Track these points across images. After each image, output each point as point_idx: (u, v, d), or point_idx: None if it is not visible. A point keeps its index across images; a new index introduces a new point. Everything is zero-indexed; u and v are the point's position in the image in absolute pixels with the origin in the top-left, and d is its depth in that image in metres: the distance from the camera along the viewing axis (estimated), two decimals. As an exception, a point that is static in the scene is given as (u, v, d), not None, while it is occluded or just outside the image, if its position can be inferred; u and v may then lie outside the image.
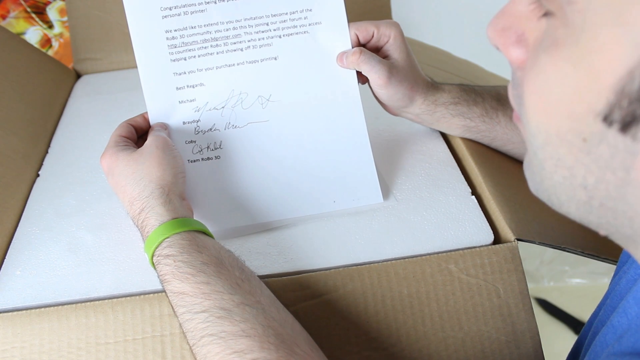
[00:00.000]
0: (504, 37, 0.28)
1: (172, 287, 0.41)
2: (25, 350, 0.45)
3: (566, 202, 0.27)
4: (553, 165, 0.26)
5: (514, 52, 0.28)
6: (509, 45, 0.28)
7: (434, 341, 0.47)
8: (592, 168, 0.24)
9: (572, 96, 0.24)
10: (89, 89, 0.78)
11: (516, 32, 0.28)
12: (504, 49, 0.28)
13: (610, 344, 0.35)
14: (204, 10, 0.53)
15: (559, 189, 0.27)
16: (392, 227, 0.52)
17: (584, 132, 0.24)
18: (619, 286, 0.38)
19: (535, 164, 0.28)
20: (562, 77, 0.24)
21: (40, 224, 0.55)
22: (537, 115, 0.26)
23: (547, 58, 0.25)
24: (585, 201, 0.26)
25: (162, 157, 0.48)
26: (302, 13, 0.54)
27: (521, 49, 0.27)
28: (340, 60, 0.54)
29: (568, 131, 0.24)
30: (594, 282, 1.18)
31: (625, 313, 0.35)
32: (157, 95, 0.53)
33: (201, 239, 0.44)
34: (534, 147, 0.27)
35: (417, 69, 0.55)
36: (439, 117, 0.57)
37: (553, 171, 0.26)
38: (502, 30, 0.28)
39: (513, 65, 0.29)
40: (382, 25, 0.53)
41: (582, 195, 0.26)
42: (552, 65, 0.24)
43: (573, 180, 0.25)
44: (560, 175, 0.26)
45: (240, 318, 0.38)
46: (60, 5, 0.97)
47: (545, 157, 0.27)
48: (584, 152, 0.24)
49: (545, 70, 0.25)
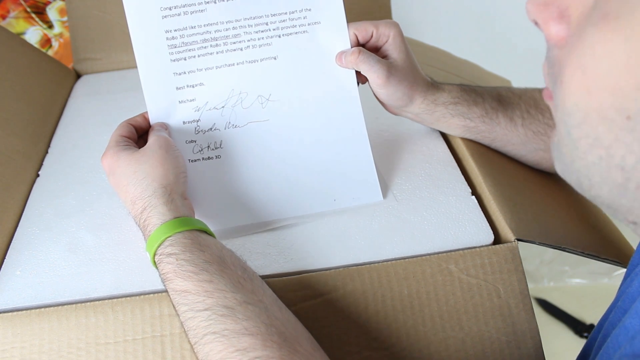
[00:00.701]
0: (546, 12, 0.27)
1: (174, 285, 0.41)
2: (25, 350, 0.45)
3: (597, 184, 0.26)
4: (588, 144, 0.25)
5: (555, 27, 0.27)
6: (550, 20, 0.27)
7: (434, 341, 0.47)
8: (633, 147, 0.23)
9: (621, 70, 0.23)
10: (89, 89, 0.78)
11: (559, 7, 0.27)
12: (544, 24, 0.27)
13: (623, 345, 0.34)
14: (204, 10, 0.53)
15: (593, 170, 0.26)
16: (392, 227, 0.52)
17: (630, 108, 0.23)
18: (631, 289, 0.37)
19: (566, 143, 0.27)
20: (611, 50, 0.23)
21: (40, 224, 0.55)
22: (577, 91, 0.25)
23: (595, 31, 0.24)
24: (621, 183, 0.25)
25: (165, 156, 0.48)
26: (301, 13, 0.54)
27: (562, 25, 0.27)
28: (339, 59, 0.54)
29: (610, 108, 0.24)
30: (594, 282, 1.18)
31: (637, 315, 0.34)
32: (157, 95, 0.53)
33: (203, 238, 0.44)
34: (568, 126, 0.26)
35: (417, 69, 0.55)
36: (438, 117, 0.57)
37: (587, 151, 0.26)
38: (545, 4, 0.27)
39: (551, 42, 0.28)
40: (381, 25, 0.53)
41: (618, 177, 0.25)
42: (601, 38, 0.24)
43: (610, 160, 0.25)
44: (596, 155, 0.25)
45: (243, 316, 0.38)
46: (60, 5, 0.96)
47: (580, 135, 0.26)
48: (627, 130, 0.23)
49: (593, 44, 0.24)
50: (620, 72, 0.23)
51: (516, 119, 0.57)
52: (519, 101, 0.57)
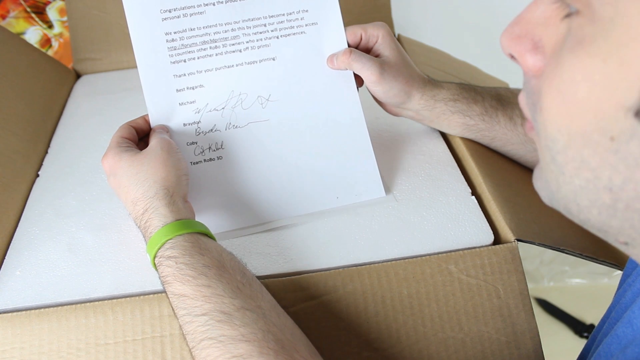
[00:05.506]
0: (520, 45, 0.27)
1: (173, 289, 0.41)
2: (25, 351, 0.45)
3: (586, 208, 0.26)
4: (574, 168, 0.26)
5: (531, 59, 0.27)
6: (525, 53, 0.27)
7: (434, 342, 0.47)
8: (619, 168, 0.24)
9: (601, 92, 0.23)
10: (89, 89, 0.78)
11: (532, 39, 0.27)
12: (520, 56, 0.28)
13: (615, 354, 0.34)
14: (203, 12, 0.53)
15: (580, 194, 0.26)
16: (392, 228, 0.53)
17: (612, 129, 0.23)
18: (625, 298, 0.37)
19: (552, 169, 0.27)
20: (590, 73, 0.23)
21: (40, 224, 0.55)
22: (559, 117, 0.25)
23: (572, 57, 0.24)
24: (610, 204, 0.25)
25: (167, 158, 0.48)
26: (298, 14, 0.55)
27: (538, 56, 0.27)
28: (330, 62, 0.55)
29: (594, 130, 0.24)
30: (593, 282, 1.18)
31: (630, 324, 0.34)
32: (157, 98, 0.53)
33: (204, 241, 0.44)
34: (553, 152, 0.27)
35: (411, 65, 0.56)
36: (438, 114, 0.57)
37: (574, 175, 0.26)
38: (518, 37, 0.28)
39: (528, 73, 0.28)
40: (369, 27, 0.55)
41: (607, 198, 0.25)
42: (578, 63, 0.24)
43: (597, 182, 0.25)
44: (583, 179, 0.25)
45: (240, 322, 0.38)
46: (60, 5, 0.96)
47: (566, 160, 0.26)
48: (611, 151, 0.24)
49: (571, 70, 0.24)
50: (600, 95, 0.23)
51: (516, 119, 0.57)
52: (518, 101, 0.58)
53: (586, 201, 0.26)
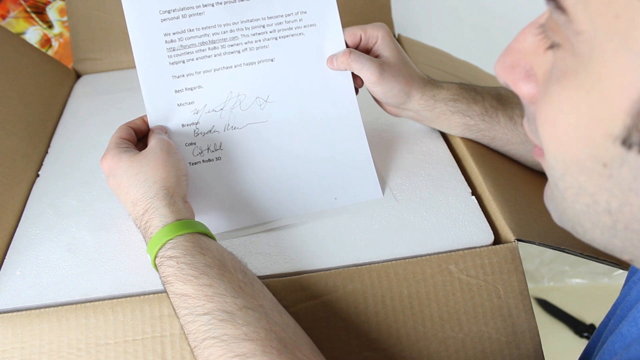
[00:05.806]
0: (512, 74, 0.28)
1: (174, 288, 0.41)
2: (25, 350, 0.45)
3: (590, 230, 0.27)
4: (574, 194, 0.26)
5: (524, 87, 0.28)
6: (518, 81, 0.28)
7: (434, 342, 0.47)
8: (615, 192, 0.24)
9: (589, 122, 0.24)
10: (89, 89, 0.78)
11: (524, 67, 0.28)
12: (514, 85, 0.28)
13: (619, 352, 0.34)
14: (202, 13, 0.53)
15: (583, 217, 0.27)
16: (392, 228, 0.53)
17: (604, 157, 0.24)
18: (630, 297, 0.38)
19: (556, 195, 0.28)
20: (576, 104, 0.24)
21: (40, 224, 0.55)
22: (553, 145, 0.26)
23: (558, 88, 0.25)
24: (610, 226, 0.26)
25: (167, 159, 0.48)
26: (297, 15, 0.55)
27: (531, 84, 0.28)
28: (330, 62, 0.56)
29: (587, 158, 0.24)
30: (594, 282, 1.18)
31: (635, 322, 0.34)
32: (156, 99, 0.53)
33: (204, 241, 0.44)
34: (554, 178, 0.27)
35: (411, 66, 0.56)
36: (438, 114, 0.57)
37: (575, 200, 0.26)
38: (510, 67, 0.28)
39: (525, 100, 0.29)
40: (369, 27, 0.55)
41: (607, 220, 0.26)
42: (565, 93, 0.24)
43: (596, 206, 0.25)
44: (583, 203, 0.26)
45: (243, 321, 0.38)
46: (60, 5, 0.97)
47: (565, 186, 0.27)
48: (605, 177, 0.24)
49: (559, 100, 0.25)
50: (588, 124, 0.24)
51: (516, 118, 0.57)
52: (518, 101, 0.58)
53: (589, 224, 0.27)
